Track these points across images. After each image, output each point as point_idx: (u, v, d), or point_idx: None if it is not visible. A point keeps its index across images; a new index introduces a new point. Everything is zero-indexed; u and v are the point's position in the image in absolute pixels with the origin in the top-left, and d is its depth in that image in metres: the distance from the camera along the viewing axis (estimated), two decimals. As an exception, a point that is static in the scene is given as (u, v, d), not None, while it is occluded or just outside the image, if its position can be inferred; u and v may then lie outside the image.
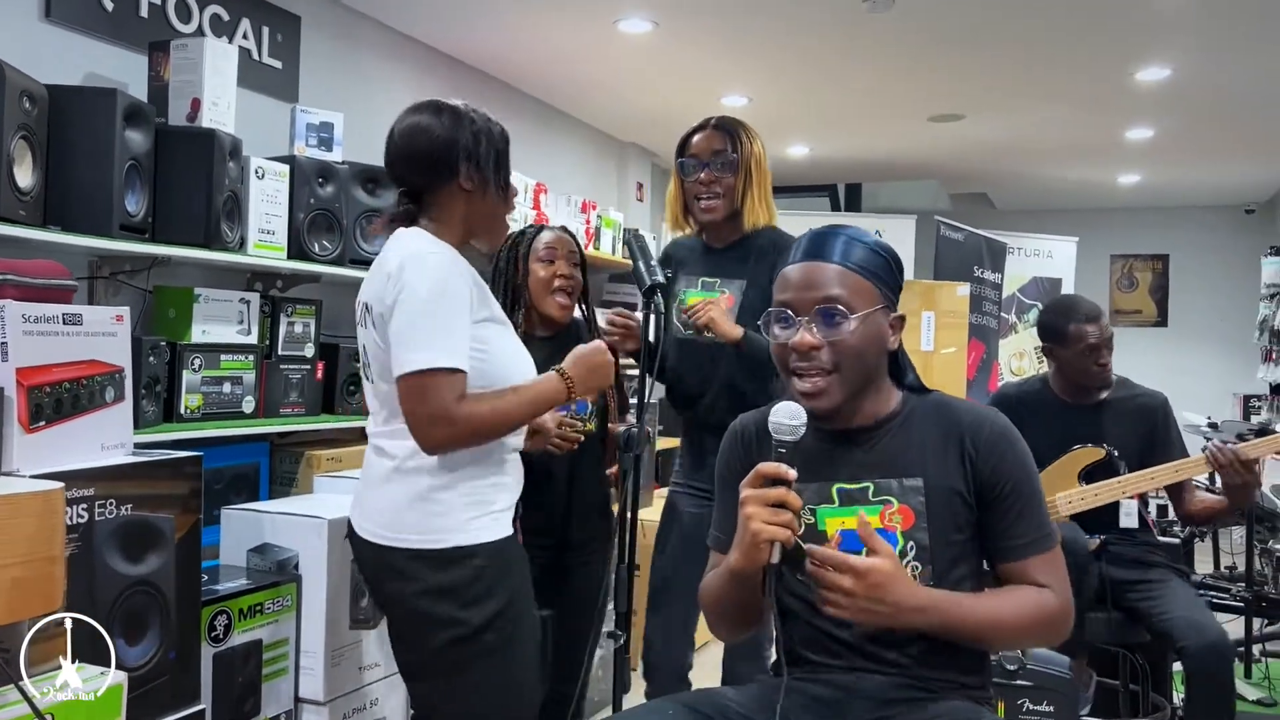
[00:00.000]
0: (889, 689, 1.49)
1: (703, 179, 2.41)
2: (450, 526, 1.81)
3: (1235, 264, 8.49)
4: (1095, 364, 2.84)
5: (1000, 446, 1.51)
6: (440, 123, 1.88)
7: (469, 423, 1.75)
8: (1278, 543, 3.61)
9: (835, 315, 1.49)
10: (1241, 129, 5.95)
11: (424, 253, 1.80)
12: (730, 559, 1.45)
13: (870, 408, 1.56)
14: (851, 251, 1.53)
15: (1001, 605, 1.46)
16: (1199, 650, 2.46)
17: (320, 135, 3.40)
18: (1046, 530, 1.52)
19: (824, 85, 5.15)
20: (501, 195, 1.94)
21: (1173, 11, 3.94)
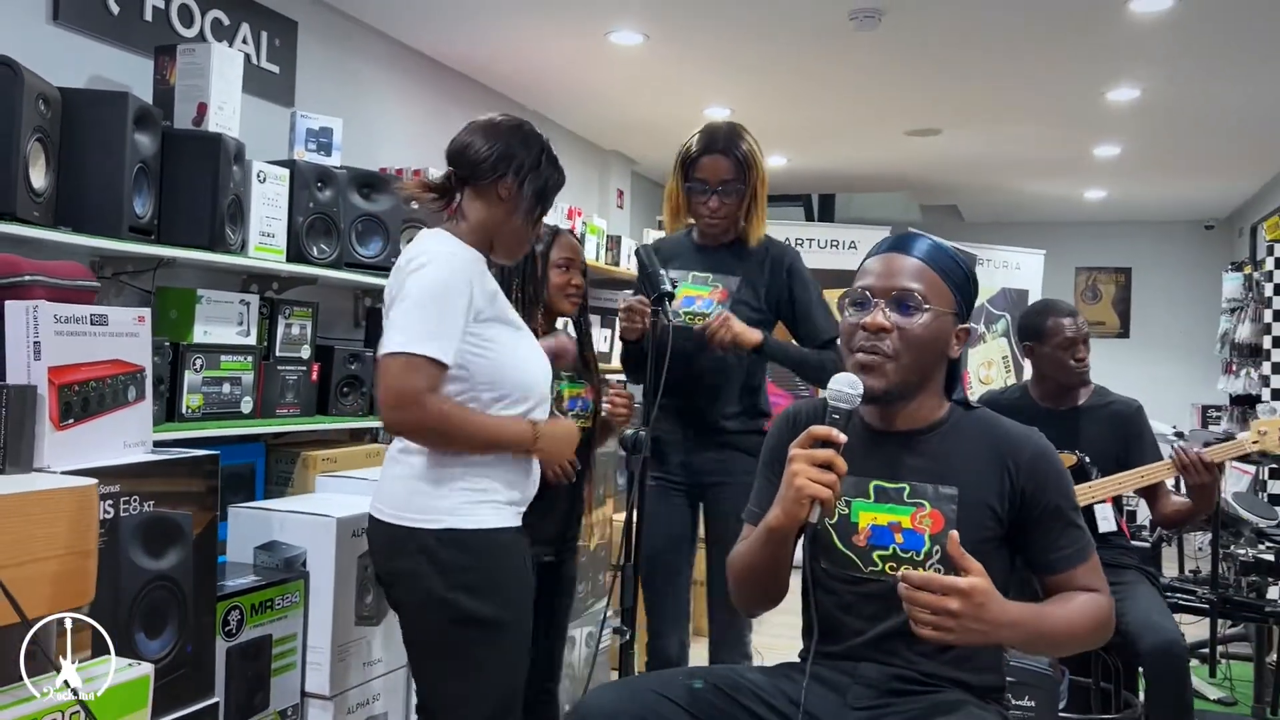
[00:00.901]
0: (888, 679, 1.57)
1: (711, 205, 2.49)
2: (448, 509, 1.88)
3: (1195, 278, 8.73)
4: (1073, 359, 2.95)
5: (1042, 466, 1.60)
6: (511, 135, 1.97)
7: (433, 416, 1.80)
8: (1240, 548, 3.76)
9: (909, 305, 1.58)
10: (1204, 148, 6.15)
11: (436, 251, 1.87)
12: (770, 516, 1.52)
13: (919, 412, 1.64)
14: (935, 254, 1.62)
15: (1072, 613, 1.54)
16: (1153, 651, 2.57)
17: (320, 140, 3.45)
18: (1087, 540, 1.61)
19: (806, 98, 5.27)
20: (530, 223, 2.02)
21: (1143, 35, 4.10)
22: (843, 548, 1.61)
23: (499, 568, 1.91)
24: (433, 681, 1.95)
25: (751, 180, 2.49)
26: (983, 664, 1.62)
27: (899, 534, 1.58)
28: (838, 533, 1.61)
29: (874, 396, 1.58)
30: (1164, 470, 2.78)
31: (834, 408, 1.52)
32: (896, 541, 1.58)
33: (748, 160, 2.47)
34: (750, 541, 1.62)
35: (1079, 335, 2.95)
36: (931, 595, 1.38)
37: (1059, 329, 2.95)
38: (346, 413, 3.48)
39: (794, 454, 1.48)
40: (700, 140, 2.51)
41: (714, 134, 2.50)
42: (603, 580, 3.82)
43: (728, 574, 1.68)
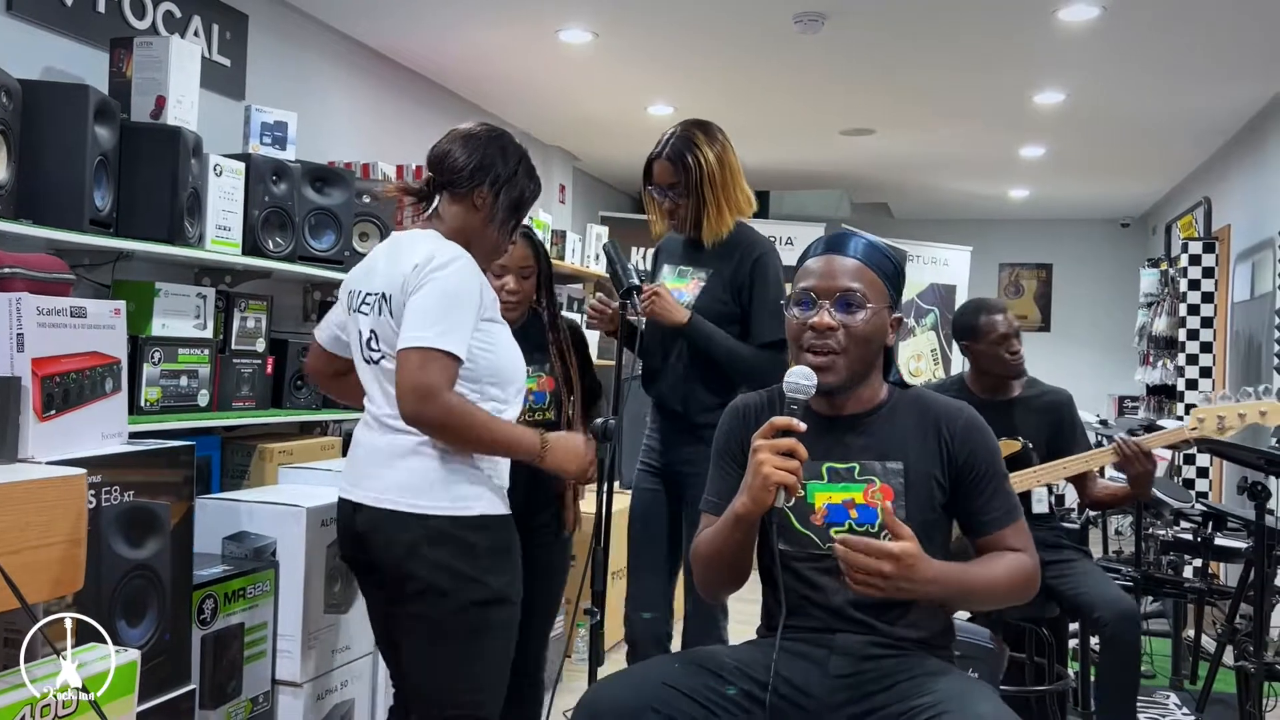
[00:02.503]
0: (864, 646, 1.69)
1: (665, 207, 2.59)
2: (475, 495, 1.96)
3: (1111, 273, 9.10)
4: (1008, 352, 3.11)
5: (973, 434, 1.75)
6: (489, 146, 2.03)
7: (450, 410, 1.87)
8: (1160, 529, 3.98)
9: (852, 304, 1.71)
10: (1123, 150, 6.44)
11: (453, 252, 1.95)
12: (736, 504, 1.63)
13: (863, 396, 1.77)
14: (869, 252, 1.76)
15: (993, 571, 1.68)
16: (1114, 620, 2.75)
17: (274, 134, 3.46)
18: (1014, 503, 1.76)
19: (747, 98, 5.39)
20: (505, 234, 2.09)
21: (1069, 42, 4.30)
22: (801, 528, 1.73)
23: (509, 548, 2.01)
24: (446, 668, 1.96)
25: (691, 180, 2.52)
26: (938, 627, 1.76)
27: (853, 510, 1.70)
28: (795, 515, 1.73)
29: (829, 390, 1.71)
30: (1107, 456, 2.94)
31: (791, 399, 1.63)
32: (851, 517, 1.70)
33: (687, 164, 2.51)
34: (716, 529, 1.72)
35: (1011, 330, 3.12)
36: (867, 558, 1.52)
37: (993, 326, 3.11)
38: (300, 406, 3.50)
39: (758, 444, 1.59)
40: (656, 145, 2.58)
41: (667, 139, 2.56)
42: None
43: (692, 562, 1.77)
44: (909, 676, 1.64)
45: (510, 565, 2.00)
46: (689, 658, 1.72)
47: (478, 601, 1.93)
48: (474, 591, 1.92)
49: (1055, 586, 2.93)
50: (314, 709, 2.53)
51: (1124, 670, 2.78)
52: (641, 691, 1.60)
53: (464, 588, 1.92)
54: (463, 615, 1.93)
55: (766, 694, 1.64)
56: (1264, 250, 5.33)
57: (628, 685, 1.63)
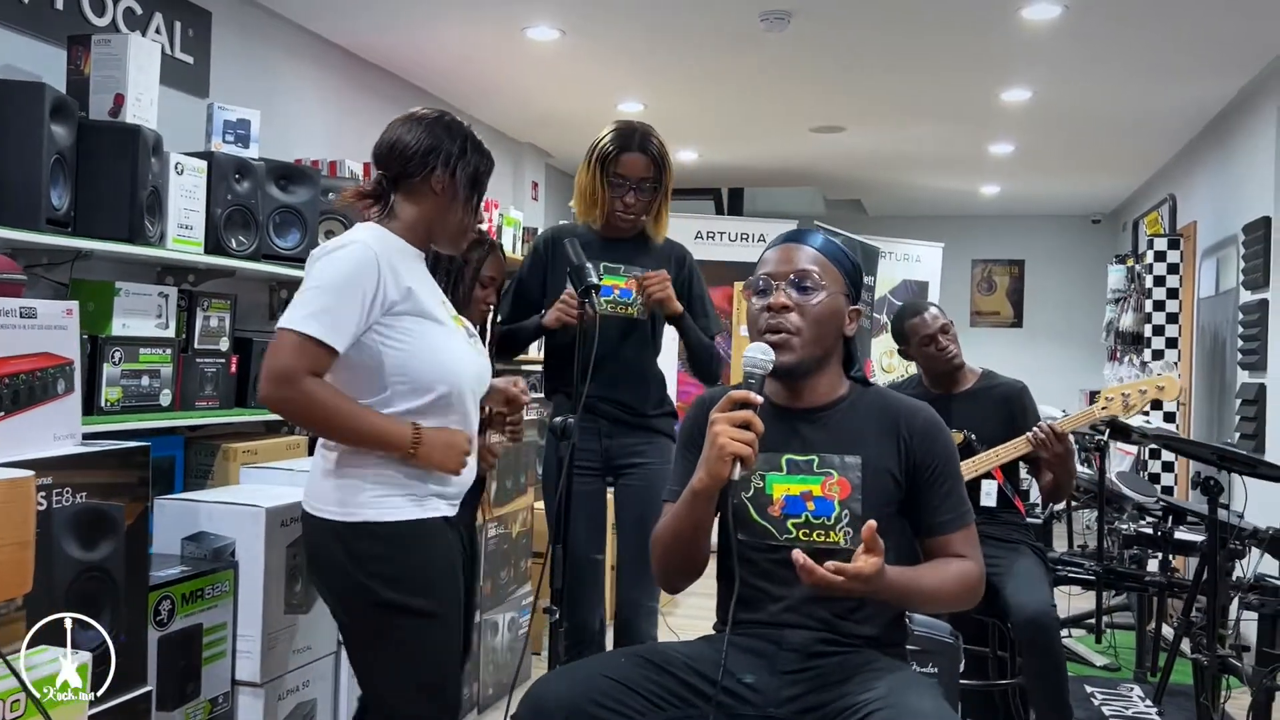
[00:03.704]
0: (813, 643, 1.70)
1: (628, 201, 2.59)
2: (361, 502, 1.91)
3: (1082, 270, 9.17)
4: (937, 349, 3.17)
5: (931, 433, 1.77)
6: (433, 128, 2.00)
7: (305, 396, 1.81)
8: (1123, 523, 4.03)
9: (807, 285, 1.74)
10: (1092, 146, 6.49)
11: (354, 239, 1.91)
12: (694, 479, 1.64)
13: (822, 389, 1.79)
14: (826, 244, 1.81)
15: (944, 579, 1.70)
16: (1023, 621, 2.77)
17: (237, 132, 3.44)
18: (966, 508, 1.77)
19: (716, 95, 5.41)
20: (470, 211, 2.06)
21: (1034, 41, 4.33)
22: (759, 519, 1.74)
23: (415, 558, 1.94)
24: (363, 671, 2.00)
25: (665, 179, 2.62)
26: (890, 623, 1.78)
27: (810, 502, 1.72)
28: (754, 505, 1.74)
29: (784, 371, 1.72)
30: (1021, 445, 2.97)
31: (749, 373, 1.65)
32: (809, 509, 1.71)
33: (662, 159, 2.60)
34: (674, 510, 1.73)
35: (936, 328, 3.16)
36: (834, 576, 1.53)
37: (917, 328, 3.19)
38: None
39: (714, 417, 1.61)
40: (617, 138, 2.59)
41: (630, 132, 2.60)
42: (525, 566, 3.90)
43: (651, 551, 1.78)
44: (855, 674, 1.65)
45: (407, 576, 1.92)
46: (637, 653, 1.73)
47: (373, 607, 1.91)
48: (362, 597, 1.91)
49: (992, 583, 2.96)
50: (275, 709, 2.52)
51: (1045, 671, 2.80)
52: (584, 686, 1.60)
53: (352, 593, 1.91)
54: (362, 621, 1.94)
55: (714, 689, 1.65)
56: (1228, 246, 5.39)
57: (571, 680, 1.63)
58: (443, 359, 1.97)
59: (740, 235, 7.20)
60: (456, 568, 2.04)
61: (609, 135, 2.62)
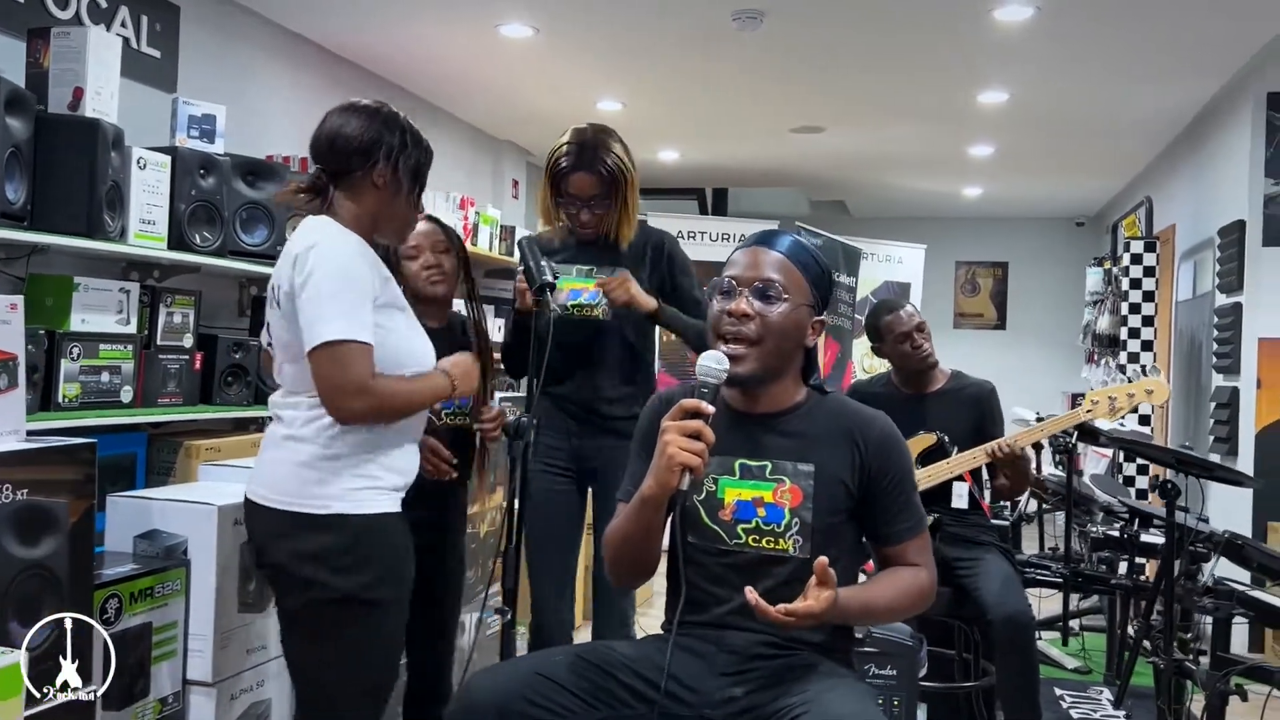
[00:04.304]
0: (754, 645, 1.69)
1: (582, 218, 2.54)
2: (329, 494, 1.89)
3: (1066, 272, 9.18)
4: (912, 347, 3.17)
5: (887, 445, 1.75)
6: (372, 120, 1.97)
7: (383, 396, 1.85)
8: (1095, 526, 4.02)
9: (770, 294, 1.71)
10: (1072, 149, 6.49)
11: (330, 238, 1.89)
12: (644, 486, 1.62)
13: (779, 395, 1.77)
14: (795, 250, 1.77)
15: (897, 594, 1.70)
16: (1000, 621, 2.78)
17: (202, 127, 3.41)
18: (921, 516, 1.77)
19: (694, 95, 5.39)
20: (412, 202, 2.04)
21: (1008, 42, 4.33)
22: (709, 522, 1.73)
23: (381, 550, 1.94)
24: (311, 666, 1.97)
25: (620, 192, 2.53)
26: (836, 630, 1.76)
27: (761, 508, 1.70)
28: (705, 508, 1.72)
29: (739, 380, 1.70)
30: (981, 456, 2.98)
31: (702, 382, 1.63)
32: (759, 515, 1.70)
33: (614, 174, 2.50)
34: (625, 514, 1.71)
35: (911, 326, 3.17)
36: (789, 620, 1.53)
37: (892, 325, 3.19)
38: (231, 402, 3.45)
39: (665, 426, 1.59)
40: (568, 155, 2.50)
41: (581, 148, 2.50)
42: (491, 566, 3.88)
43: (603, 549, 1.77)
44: (793, 678, 1.64)
45: (369, 566, 1.91)
46: (575, 651, 1.72)
47: (322, 600, 1.88)
48: (315, 591, 1.88)
49: (964, 585, 2.96)
50: (228, 709, 2.50)
51: (1018, 671, 2.81)
52: (518, 683, 1.59)
53: (306, 587, 1.88)
54: (308, 615, 1.90)
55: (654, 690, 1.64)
56: (1205, 250, 5.40)
57: (504, 677, 1.62)
58: (415, 347, 2.01)
59: (722, 235, 7.18)
60: (412, 561, 2.03)
61: (562, 150, 2.53)
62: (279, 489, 1.92)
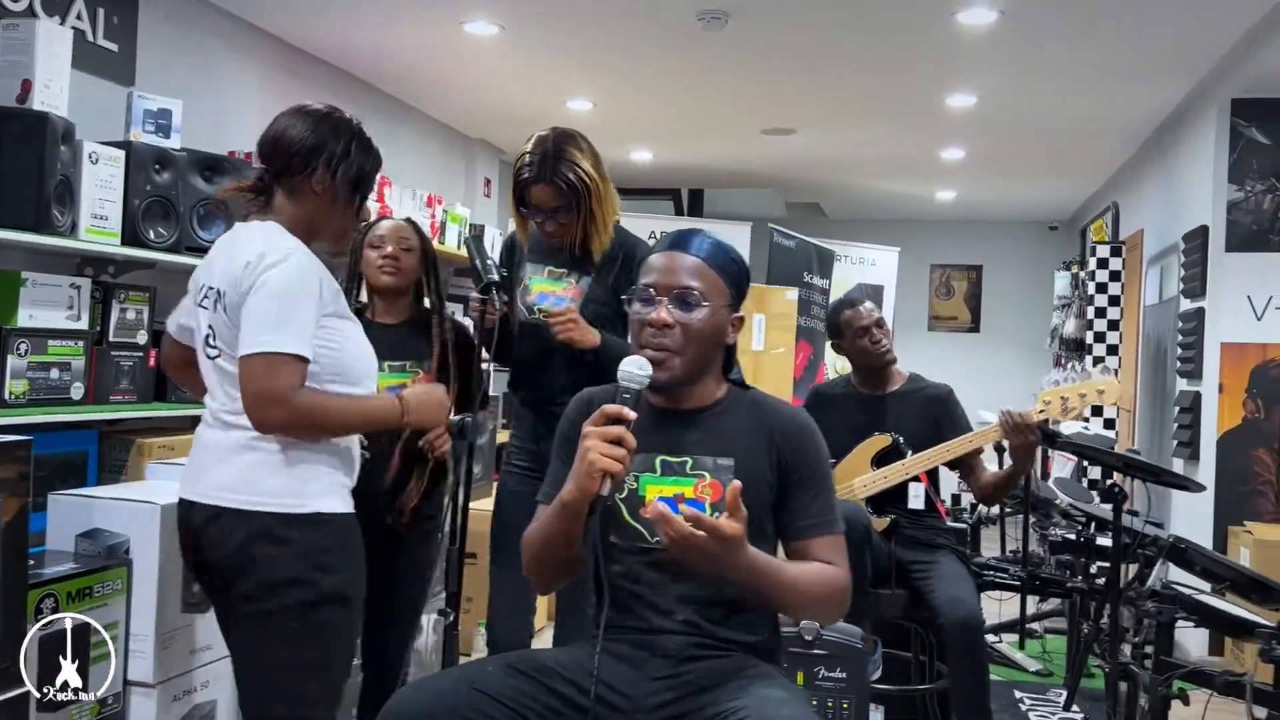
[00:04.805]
0: (686, 647, 1.68)
1: (547, 229, 2.49)
2: (313, 492, 1.91)
3: (1040, 276, 9.22)
4: (871, 343, 3.17)
5: (803, 438, 1.75)
6: (317, 125, 1.97)
7: (303, 411, 1.84)
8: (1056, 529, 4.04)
9: (689, 301, 1.71)
10: (1041, 153, 6.52)
11: (286, 247, 1.89)
12: (564, 491, 1.61)
13: (701, 392, 1.77)
14: (712, 251, 1.76)
15: (804, 575, 1.67)
16: (951, 624, 2.78)
17: (158, 122, 3.38)
18: (835, 516, 1.75)
19: (664, 95, 5.39)
20: (351, 213, 2.04)
21: (973, 45, 4.33)
22: (631, 520, 1.72)
23: (349, 547, 1.96)
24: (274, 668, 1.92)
25: (585, 200, 2.45)
26: (763, 627, 1.75)
27: (683, 504, 1.68)
28: (626, 507, 1.72)
29: (663, 386, 1.70)
30: (990, 434, 2.96)
31: (624, 388, 1.62)
32: (681, 511, 1.67)
33: (574, 186, 2.43)
34: (544, 517, 1.70)
35: (870, 321, 3.18)
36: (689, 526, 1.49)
37: (852, 320, 3.20)
38: (186, 400, 3.40)
39: (586, 431, 1.58)
40: (528, 166, 2.44)
41: (542, 159, 2.43)
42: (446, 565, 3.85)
43: (523, 550, 1.75)
44: (725, 680, 1.63)
45: (346, 564, 1.95)
46: (506, 661, 1.70)
47: (307, 601, 1.88)
48: (302, 591, 1.87)
49: (919, 587, 2.96)
50: (170, 710, 2.47)
51: (969, 674, 2.81)
52: (447, 698, 1.56)
53: (292, 587, 1.87)
54: (291, 615, 1.88)
55: (585, 696, 1.62)
56: (1170, 255, 5.43)
57: (432, 691, 1.59)
58: (365, 356, 2.02)
59: (695, 236, 7.18)
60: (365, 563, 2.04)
61: (524, 160, 2.47)
62: (250, 489, 1.89)
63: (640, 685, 1.66)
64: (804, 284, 6.73)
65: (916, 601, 3.01)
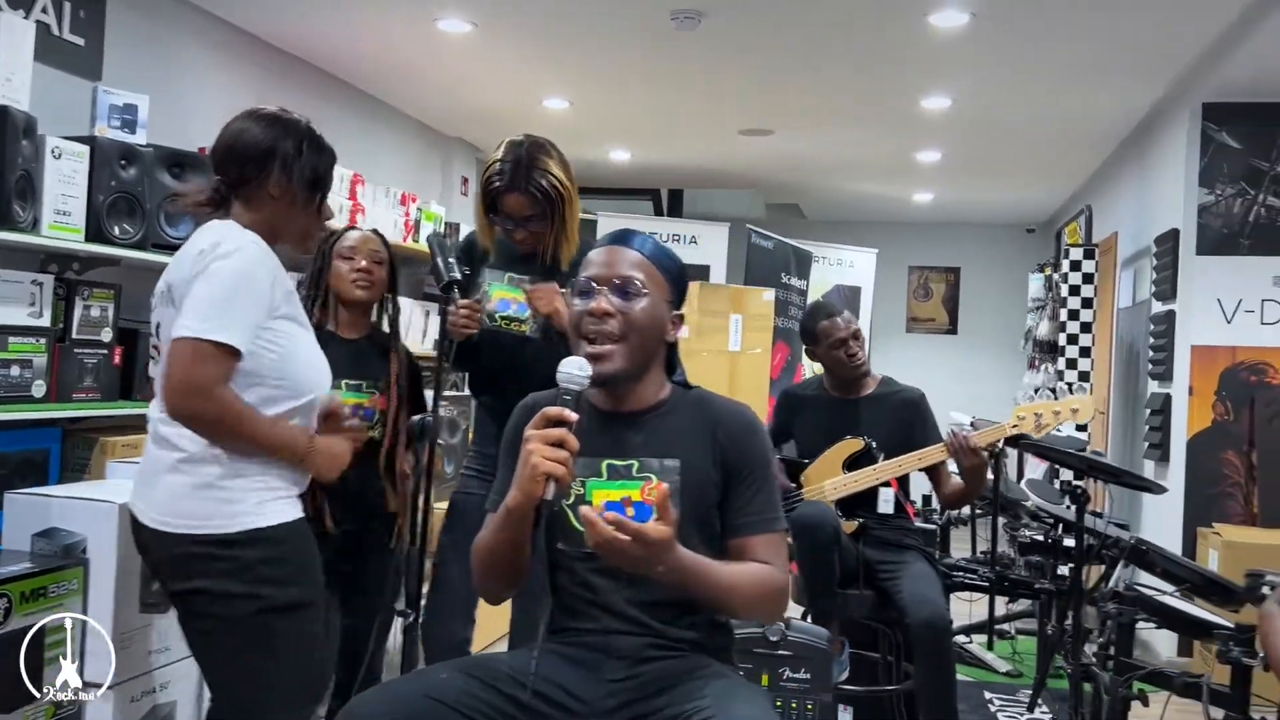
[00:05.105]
0: (640, 649, 1.67)
1: (518, 236, 2.47)
2: (241, 511, 1.86)
3: (1017, 278, 9.23)
4: (846, 354, 3.17)
5: (746, 435, 1.74)
6: (268, 129, 1.94)
7: (220, 409, 1.78)
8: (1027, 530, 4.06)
9: (630, 291, 1.71)
10: (1017, 156, 6.54)
11: (238, 239, 1.86)
12: (508, 497, 1.60)
13: (644, 393, 1.76)
14: (651, 248, 1.78)
15: (736, 576, 1.66)
16: (917, 624, 2.80)
17: (124, 117, 3.35)
18: (776, 514, 1.74)
19: (640, 94, 5.38)
20: (312, 212, 2.01)
21: (946, 48, 4.34)
22: (578, 526, 1.69)
23: (297, 555, 1.93)
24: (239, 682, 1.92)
25: (558, 211, 2.44)
26: (715, 626, 1.75)
27: (630, 507, 1.68)
28: (574, 512, 1.69)
29: (607, 379, 1.69)
30: (935, 453, 2.99)
31: (565, 389, 1.61)
32: (628, 514, 1.67)
33: (548, 194, 2.41)
34: (491, 525, 1.69)
35: (848, 333, 3.17)
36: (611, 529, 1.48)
37: (830, 331, 3.19)
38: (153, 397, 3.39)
39: (528, 434, 1.56)
40: (500, 174, 2.41)
41: (515, 166, 2.40)
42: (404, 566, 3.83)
43: (471, 562, 1.73)
44: (681, 681, 1.62)
45: (290, 574, 1.90)
46: (459, 666, 1.68)
47: (250, 614, 1.85)
48: (244, 605, 1.84)
49: (887, 588, 2.97)
50: (127, 711, 2.45)
51: (935, 674, 2.82)
52: (400, 706, 1.55)
53: (233, 601, 1.84)
54: (236, 628, 1.86)
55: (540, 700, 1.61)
56: (1143, 258, 5.47)
57: (385, 700, 1.57)
58: (315, 363, 1.98)
59: (673, 237, 7.17)
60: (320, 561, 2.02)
61: (495, 167, 2.44)
62: (186, 514, 1.86)
63: (596, 688, 1.65)
64: (782, 285, 6.74)
65: (884, 602, 3.02)
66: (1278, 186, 4.60)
